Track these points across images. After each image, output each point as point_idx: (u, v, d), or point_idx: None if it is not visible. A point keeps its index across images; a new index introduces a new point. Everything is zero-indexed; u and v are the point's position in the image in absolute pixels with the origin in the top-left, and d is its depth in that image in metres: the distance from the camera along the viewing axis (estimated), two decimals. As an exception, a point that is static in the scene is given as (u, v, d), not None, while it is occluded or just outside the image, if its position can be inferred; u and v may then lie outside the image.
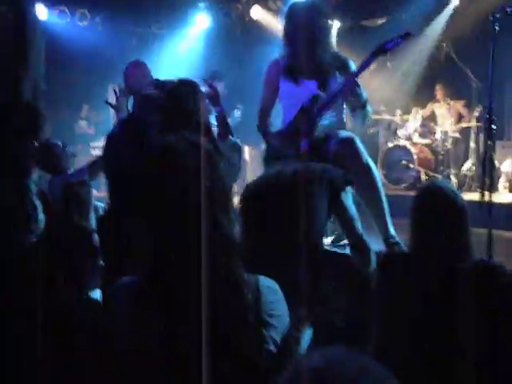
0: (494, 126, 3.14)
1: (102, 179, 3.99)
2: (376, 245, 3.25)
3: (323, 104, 3.34)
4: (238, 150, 2.95)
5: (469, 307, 1.39)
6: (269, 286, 1.50)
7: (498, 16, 2.97)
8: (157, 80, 4.80)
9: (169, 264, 1.41)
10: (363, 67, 3.28)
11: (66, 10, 8.69)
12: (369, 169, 3.26)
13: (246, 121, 8.21)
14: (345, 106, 3.60)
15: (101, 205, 3.77)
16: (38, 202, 2.23)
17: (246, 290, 1.41)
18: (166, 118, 2.60)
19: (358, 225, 2.45)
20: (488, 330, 1.40)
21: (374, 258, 2.47)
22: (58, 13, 8.68)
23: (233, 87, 9.55)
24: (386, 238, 3.23)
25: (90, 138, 9.53)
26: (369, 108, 3.46)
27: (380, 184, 3.32)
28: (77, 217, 3.44)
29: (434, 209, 2.06)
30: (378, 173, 3.36)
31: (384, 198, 3.30)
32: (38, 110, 2.28)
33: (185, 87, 2.75)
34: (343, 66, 3.50)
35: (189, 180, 1.38)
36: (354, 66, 3.51)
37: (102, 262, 3.44)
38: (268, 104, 3.69)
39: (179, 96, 2.68)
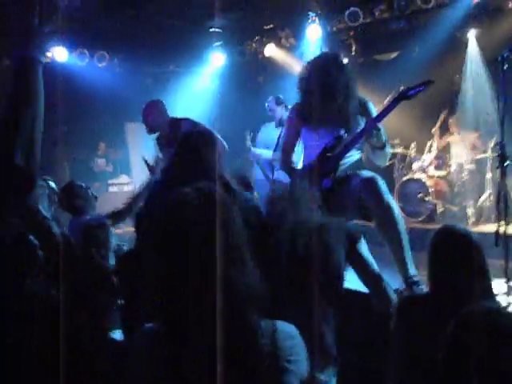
0: (507, 162, 3.15)
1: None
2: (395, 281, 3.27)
3: (345, 145, 3.41)
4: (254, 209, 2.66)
5: (487, 353, 1.40)
6: (286, 330, 1.51)
7: (505, 56, 3.03)
8: (173, 118, 4.93)
9: (185, 312, 1.43)
10: (386, 112, 3.34)
11: (86, 52, 8.94)
12: (390, 209, 3.29)
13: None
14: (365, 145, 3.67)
15: (123, 245, 3.83)
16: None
17: (261, 337, 1.42)
18: (182, 169, 2.63)
19: (375, 272, 2.47)
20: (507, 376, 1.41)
21: (393, 298, 2.48)
22: (78, 54, 8.93)
23: (248, 124, 9.69)
24: (406, 277, 3.24)
25: (108, 176, 9.69)
26: (388, 149, 3.52)
27: (401, 224, 3.33)
28: (97, 258, 3.50)
29: (451, 252, 2.10)
30: (399, 212, 3.38)
31: (405, 238, 3.31)
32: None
33: (201, 137, 2.79)
34: (364, 109, 3.57)
35: (203, 231, 1.42)
36: (372, 107, 3.57)
37: (121, 302, 3.49)
38: (290, 145, 3.81)
39: (195, 146, 2.72)
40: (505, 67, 3.03)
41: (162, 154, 4.83)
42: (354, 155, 3.57)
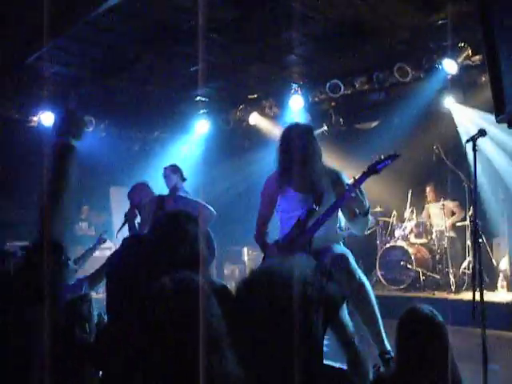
0: (480, 240, 3.24)
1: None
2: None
3: (318, 218, 3.46)
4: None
5: None
6: None
7: (475, 137, 3.16)
8: (159, 196, 5.04)
9: None
10: (356, 185, 3.41)
11: (72, 117, 9.06)
12: (363, 285, 3.33)
13: (246, 223, 8.36)
14: (340, 216, 3.73)
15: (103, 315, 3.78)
16: None
17: None
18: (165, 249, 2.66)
19: (356, 340, 2.48)
20: None
21: (370, 373, 2.48)
22: (64, 119, 9.04)
23: (232, 190, 9.81)
24: (381, 352, 3.25)
25: (89, 240, 9.61)
26: (369, 216, 3.57)
27: (373, 299, 3.37)
28: (78, 331, 3.44)
29: (414, 335, 2.13)
30: (370, 288, 3.42)
31: (378, 313, 3.34)
32: None
33: (187, 218, 2.81)
34: (336, 179, 3.64)
35: (180, 322, 1.44)
36: (345, 178, 3.65)
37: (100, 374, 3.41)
38: (265, 216, 3.82)
39: (181, 227, 2.74)
40: (476, 148, 3.15)
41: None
42: (327, 228, 3.59)
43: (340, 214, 3.74)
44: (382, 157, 3.55)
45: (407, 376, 2.07)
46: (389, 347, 3.27)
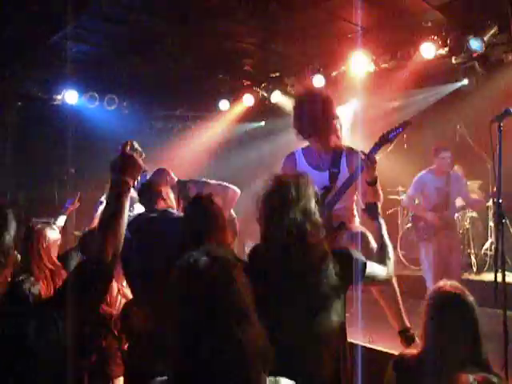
0: (504, 220, 3.22)
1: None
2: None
3: (335, 193, 3.48)
4: None
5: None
6: None
7: (501, 116, 3.12)
8: (179, 182, 5.10)
9: (192, 367, 1.49)
10: (369, 156, 3.41)
11: (96, 95, 9.15)
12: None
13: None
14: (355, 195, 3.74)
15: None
16: None
17: None
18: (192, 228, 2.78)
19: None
20: None
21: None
22: (88, 97, 9.13)
23: (254, 167, 9.84)
24: (402, 330, 3.29)
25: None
26: (378, 186, 3.57)
27: (394, 279, 3.39)
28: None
29: (441, 314, 2.15)
30: (392, 268, 3.44)
31: (397, 291, 3.37)
32: None
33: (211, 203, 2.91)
34: (351, 158, 3.65)
35: (210, 293, 1.50)
36: (357, 151, 3.66)
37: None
38: None
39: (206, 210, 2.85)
40: (501, 127, 3.11)
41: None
42: (342, 205, 3.60)
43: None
44: (395, 126, 3.52)
45: (435, 353, 2.09)
46: (408, 324, 3.30)
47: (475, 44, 6.64)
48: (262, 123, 10.90)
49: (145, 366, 2.61)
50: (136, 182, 2.15)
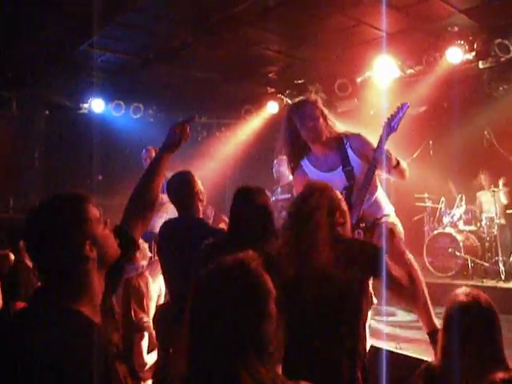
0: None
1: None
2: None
3: (359, 192, 3.42)
4: None
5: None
6: None
7: None
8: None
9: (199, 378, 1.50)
10: (380, 151, 3.36)
11: (122, 104, 9.25)
12: (411, 261, 3.30)
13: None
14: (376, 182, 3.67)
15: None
16: None
17: None
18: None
19: None
20: None
21: None
22: (114, 106, 9.25)
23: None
24: (431, 333, 3.23)
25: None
26: (403, 163, 3.50)
27: (420, 278, 3.34)
28: (135, 311, 3.55)
29: (460, 322, 2.12)
30: (417, 267, 3.39)
31: (425, 292, 3.31)
32: None
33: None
34: (357, 143, 3.58)
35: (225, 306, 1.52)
36: (365, 137, 3.61)
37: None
38: None
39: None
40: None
41: None
42: (370, 199, 3.54)
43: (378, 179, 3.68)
44: (393, 112, 3.43)
45: (454, 363, 2.07)
46: (437, 326, 3.25)
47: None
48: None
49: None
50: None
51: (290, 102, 9.26)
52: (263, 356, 1.50)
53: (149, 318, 3.63)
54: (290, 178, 5.26)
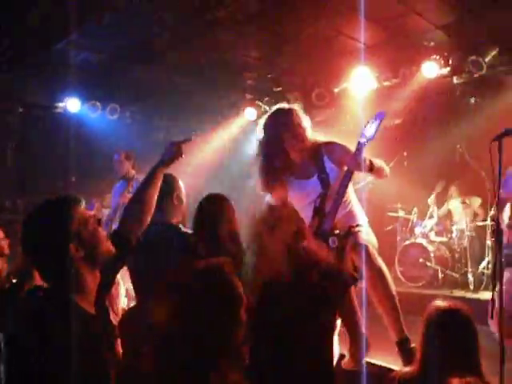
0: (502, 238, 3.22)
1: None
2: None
3: (334, 199, 3.45)
4: None
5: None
6: None
7: (501, 136, 3.08)
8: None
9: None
10: (357, 159, 3.39)
11: (98, 104, 9.16)
12: (380, 271, 3.35)
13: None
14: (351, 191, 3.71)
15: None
16: None
17: None
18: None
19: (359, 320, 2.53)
20: None
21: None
22: (90, 106, 9.15)
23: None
24: (400, 341, 3.27)
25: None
26: (378, 162, 3.55)
27: (391, 287, 3.38)
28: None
29: (440, 331, 2.17)
30: (389, 276, 3.43)
31: (396, 301, 3.36)
32: None
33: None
34: (329, 150, 3.65)
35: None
36: (337, 143, 3.65)
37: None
38: None
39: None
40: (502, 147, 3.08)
41: None
42: (344, 208, 3.58)
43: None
44: (369, 119, 3.49)
45: (434, 370, 2.11)
46: (406, 335, 3.29)
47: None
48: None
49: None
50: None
51: (267, 109, 9.31)
52: (233, 361, 1.52)
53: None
54: None
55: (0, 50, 7.21)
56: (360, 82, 7.86)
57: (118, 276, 3.90)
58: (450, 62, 7.10)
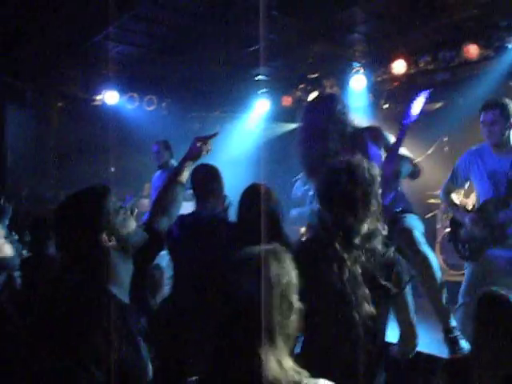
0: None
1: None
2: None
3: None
4: None
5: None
6: None
7: None
8: None
9: (224, 366, 1.50)
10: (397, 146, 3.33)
11: (136, 96, 9.26)
12: (427, 259, 3.27)
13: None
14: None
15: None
16: None
17: None
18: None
19: (413, 315, 2.45)
20: None
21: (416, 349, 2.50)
22: (128, 98, 9.25)
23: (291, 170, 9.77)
24: (446, 329, 3.20)
25: (150, 216, 9.83)
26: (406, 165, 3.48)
27: (439, 275, 3.30)
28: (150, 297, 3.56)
29: (495, 320, 2.11)
30: (437, 264, 3.36)
31: (444, 291, 3.28)
32: None
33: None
34: (371, 135, 3.58)
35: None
36: (377, 127, 3.58)
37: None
38: None
39: None
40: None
41: None
42: (391, 194, 3.51)
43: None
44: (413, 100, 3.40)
45: (487, 357, 2.06)
46: (454, 323, 3.22)
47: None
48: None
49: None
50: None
51: (303, 96, 9.25)
52: (289, 346, 1.51)
53: None
54: None
55: (38, 45, 7.34)
56: (398, 67, 7.72)
57: (164, 265, 3.94)
58: (493, 43, 6.89)
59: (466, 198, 6.79)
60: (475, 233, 3.81)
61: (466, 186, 4.38)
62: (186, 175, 2.56)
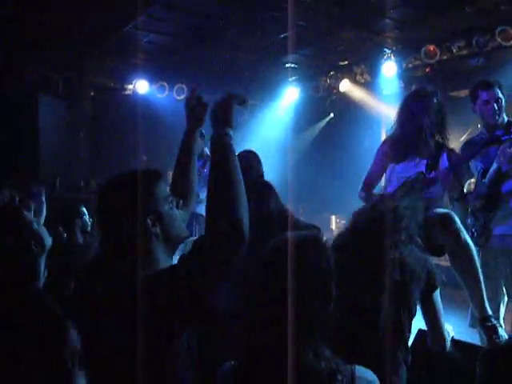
0: None
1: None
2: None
3: (427, 181, 3.37)
4: None
5: None
6: (365, 377, 1.52)
7: None
8: None
9: (261, 353, 1.51)
10: (473, 155, 3.30)
11: (166, 85, 9.30)
12: (466, 246, 3.21)
13: (334, 191, 8.32)
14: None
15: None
16: None
17: (341, 382, 1.45)
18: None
19: (442, 321, 2.43)
20: None
21: (448, 340, 2.46)
22: (158, 87, 9.31)
23: (321, 157, 9.75)
24: (483, 317, 3.15)
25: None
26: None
27: (477, 262, 3.25)
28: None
29: None
30: (475, 251, 3.30)
31: (481, 276, 3.22)
32: None
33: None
34: (450, 151, 3.54)
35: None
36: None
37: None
38: (374, 178, 3.74)
39: None
40: None
41: None
42: (433, 192, 3.48)
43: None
44: None
45: None
46: (490, 312, 3.18)
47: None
48: (331, 115, 10.70)
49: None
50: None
51: (332, 83, 9.18)
52: (324, 336, 1.51)
53: None
54: None
55: (70, 36, 7.43)
56: (428, 55, 7.60)
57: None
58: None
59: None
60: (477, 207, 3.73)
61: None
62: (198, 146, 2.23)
